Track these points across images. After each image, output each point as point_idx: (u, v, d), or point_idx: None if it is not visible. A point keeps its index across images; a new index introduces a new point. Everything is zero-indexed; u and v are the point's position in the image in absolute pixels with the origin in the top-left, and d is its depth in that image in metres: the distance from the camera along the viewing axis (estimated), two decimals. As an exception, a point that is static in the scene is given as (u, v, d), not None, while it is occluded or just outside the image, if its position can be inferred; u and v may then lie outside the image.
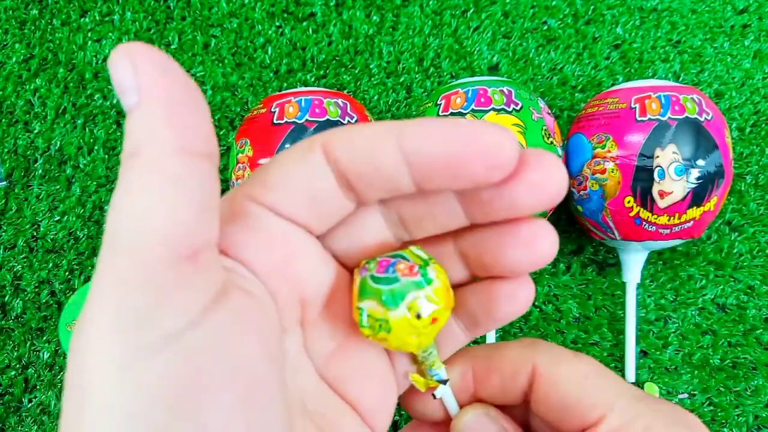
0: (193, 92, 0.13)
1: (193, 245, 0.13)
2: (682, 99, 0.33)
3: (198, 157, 0.13)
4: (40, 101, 0.42)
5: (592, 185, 0.34)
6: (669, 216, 0.32)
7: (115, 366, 0.12)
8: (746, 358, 0.38)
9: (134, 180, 0.12)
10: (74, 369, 0.12)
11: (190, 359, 0.12)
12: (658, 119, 0.32)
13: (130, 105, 0.13)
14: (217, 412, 0.12)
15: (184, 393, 0.12)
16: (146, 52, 0.12)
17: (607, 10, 0.44)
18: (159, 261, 0.12)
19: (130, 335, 0.12)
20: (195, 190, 0.13)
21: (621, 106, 0.34)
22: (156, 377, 0.12)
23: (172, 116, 0.13)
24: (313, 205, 0.16)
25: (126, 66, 0.12)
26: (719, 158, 0.32)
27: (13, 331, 0.37)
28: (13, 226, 0.40)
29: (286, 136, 0.32)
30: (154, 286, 0.12)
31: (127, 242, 0.12)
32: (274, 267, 0.16)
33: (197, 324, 0.12)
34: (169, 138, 0.12)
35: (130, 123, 0.13)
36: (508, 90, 0.33)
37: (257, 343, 0.14)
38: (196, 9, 0.44)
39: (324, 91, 0.34)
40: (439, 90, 0.35)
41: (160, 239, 0.12)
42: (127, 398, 0.12)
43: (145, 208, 0.12)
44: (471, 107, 0.32)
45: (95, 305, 0.12)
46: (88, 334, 0.12)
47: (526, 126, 0.32)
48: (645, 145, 0.32)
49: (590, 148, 0.34)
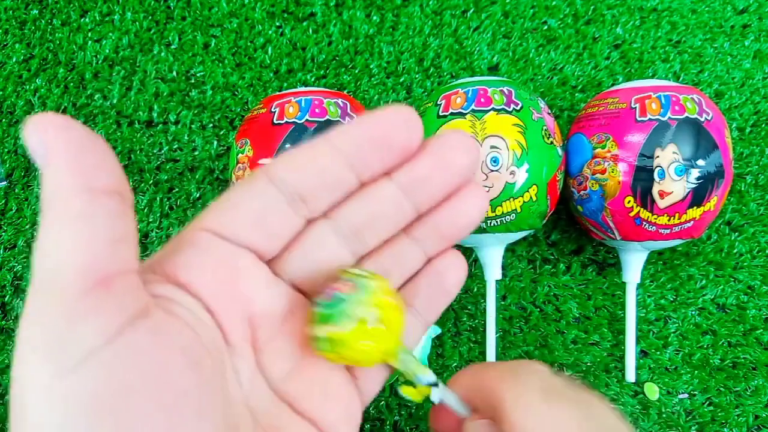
0: (93, 140, 0.15)
1: (104, 274, 0.14)
2: (682, 99, 0.33)
3: (104, 195, 0.14)
4: (40, 101, 0.42)
5: (592, 185, 0.34)
6: (669, 216, 0.32)
7: (42, 386, 0.13)
8: (746, 358, 0.38)
9: (46, 223, 0.14)
10: (13, 395, 0.14)
11: (110, 373, 0.14)
12: (658, 119, 0.32)
13: (42, 166, 0.14)
14: (139, 419, 0.14)
15: (106, 403, 0.13)
16: (50, 119, 0.14)
17: (607, 10, 0.44)
18: (70, 289, 0.14)
19: (53, 357, 0.13)
20: (102, 224, 0.14)
21: (621, 106, 0.33)
22: (79, 391, 0.13)
23: (74, 163, 0.14)
24: (259, 226, 0.18)
25: (35, 135, 0.14)
26: (719, 158, 0.32)
27: (13, 331, 0.37)
28: (13, 226, 0.40)
29: (286, 136, 0.32)
30: (67, 312, 0.14)
31: (43, 277, 0.14)
32: (218, 288, 0.17)
33: (113, 342, 0.14)
34: (72, 182, 0.14)
35: (43, 181, 0.14)
36: (508, 90, 0.33)
37: (181, 358, 0.15)
38: (196, 9, 0.44)
39: (324, 91, 0.34)
40: (439, 90, 0.35)
41: (70, 270, 0.14)
42: (55, 412, 0.13)
43: (55, 244, 0.14)
44: (471, 107, 0.32)
45: (23, 338, 0.14)
46: (20, 363, 0.14)
47: (526, 126, 0.32)
48: (645, 145, 0.32)
49: (590, 148, 0.34)
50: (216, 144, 0.41)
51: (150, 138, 0.42)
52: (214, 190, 0.40)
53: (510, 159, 0.32)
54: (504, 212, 0.32)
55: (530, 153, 0.32)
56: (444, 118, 0.33)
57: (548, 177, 0.33)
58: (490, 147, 0.32)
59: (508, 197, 0.32)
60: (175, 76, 0.43)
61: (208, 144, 0.41)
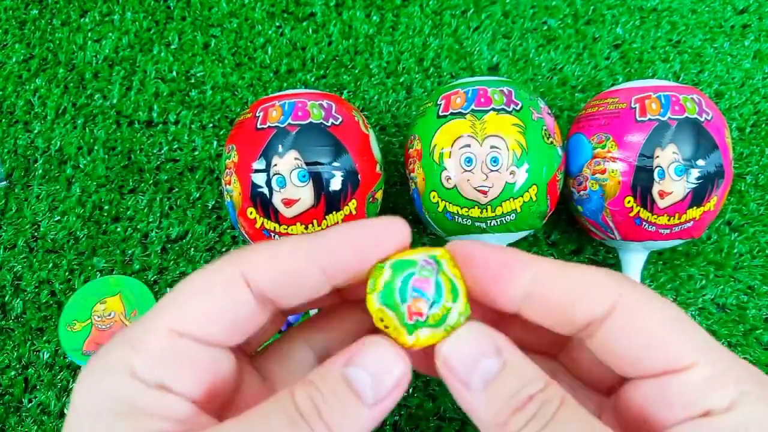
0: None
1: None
2: (682, 99, 0.33)
3: None
4: (40, 101, 0.42)
5: (592, 185, 0.34)
6: (669, 216, 0.32)
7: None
8: (746, 358, 0.38)
9: None
10: None
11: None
12: (658, 119, 0.32)
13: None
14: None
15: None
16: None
17: (607, 10, 0.44)
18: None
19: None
20: None
21: (621, 106, 0.33)
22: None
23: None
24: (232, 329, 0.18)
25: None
26: (719, 158, 0.32)
27: (13, 331, 0.37)
28: (13, 226, 0.40)
29: (269, 141, 0.32)
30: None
31: None
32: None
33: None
34: None
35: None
36: (508, 90, 0.33)
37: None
38: (196, 9, 0.44)
39: (311, 93, 0.34)
40: (439, 90, 0.35)
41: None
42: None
43: None
44: (471, 107, 0.32)
45: None
46: None
47: (525, 126, 0.32)
48: (645, 145, 0.32)
49: (590, 148, 0.34)
50: (216, 144, 0.41)
51: (150, 138, 0.42)
52: (213, 190, 0.40)
53: (510, 159, 0.32)
54: (504, 212, 0.32)
55: (530, 153, 0.32)
56: (444, 118, 0.33)
57: (548, 177, 0.33)
58: (490, 147, 0.32)
59: (508, 197, 0.32)
60: (175, 76, 0.43)
61: (208, 144, 0.41)
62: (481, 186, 0.32)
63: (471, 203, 0.32)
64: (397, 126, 0.42)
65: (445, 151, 0.32)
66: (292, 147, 0.31)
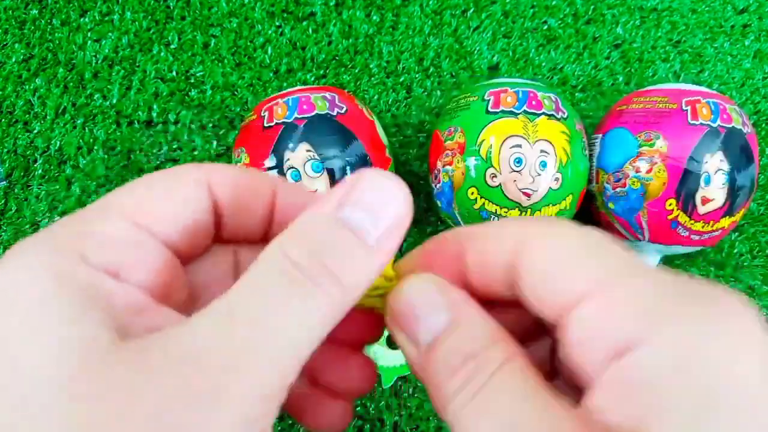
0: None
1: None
2: (728, 108, 0.33)
3: None
4: (40, 101, 0.42)
5: (633, 183, 0.33)
6: (704, 223, 0.32)
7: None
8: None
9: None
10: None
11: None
12: (708, 125, 0.32)
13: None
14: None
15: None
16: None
17: (608, 10, 0.44)
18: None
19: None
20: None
21: (671, 107, 0.33)
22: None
23: None
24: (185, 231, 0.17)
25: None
26: (753, 171, 0.32)
27: (13, 331, 0.37)
28: (13, 226, 0.40)
29: (278, 137, 0.32)
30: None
31: None
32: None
33: None
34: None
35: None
36: (555, 97, 0.33)
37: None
38: (196, 9, 0.44)
39: (311, 87, 0.34)
40: (481, 85, 0.34)
41: None
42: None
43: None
44: (523, 108, 0.32)
45: None
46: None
47: (571, 135, 0.32)
48: (696, 149, 0.32)
49: (636, 144, 0.33)
50: (216, 144, 0.41)
51: (150, 138, 0.42)
52: (213, 190, 0.40)
53: (556, 165, 0.32)
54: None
55: (573, 162, 0.32)
56: (494, 115, 0.32)
57: (581, 187, 0.33)
58: (540, 151, 0.31)
59: (548, 203, 0.32)
60: (175, 76, 0.43)
61: (208, 144, 0.41)
62: (527, 188, 0.32)
63: (513, 204, 0.32)
64: (397, 126, 0.42)
65: (493, 148, 0.32)
66: (302, 140, 0.32)
